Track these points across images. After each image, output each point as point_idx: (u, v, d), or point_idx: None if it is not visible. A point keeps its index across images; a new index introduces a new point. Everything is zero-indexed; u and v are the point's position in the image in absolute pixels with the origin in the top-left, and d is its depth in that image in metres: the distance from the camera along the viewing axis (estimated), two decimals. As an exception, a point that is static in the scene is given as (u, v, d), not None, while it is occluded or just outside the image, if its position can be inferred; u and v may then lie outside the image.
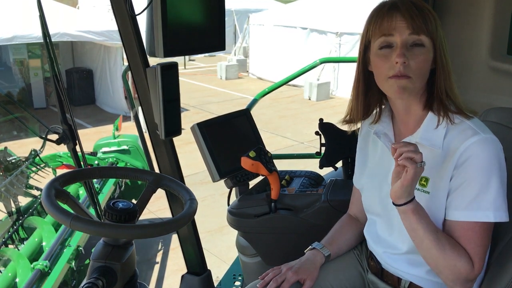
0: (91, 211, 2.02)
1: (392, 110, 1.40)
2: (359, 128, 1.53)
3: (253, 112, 2.53)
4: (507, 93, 2.07)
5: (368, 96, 1.39)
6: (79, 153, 2.06)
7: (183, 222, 1.28)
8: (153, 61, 1.63)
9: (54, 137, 2.06)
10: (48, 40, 1.89)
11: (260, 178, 1.95)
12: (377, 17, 1.27)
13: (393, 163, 1.34)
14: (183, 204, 1.35)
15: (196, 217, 1.47)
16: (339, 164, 2.04)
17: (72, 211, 1.23)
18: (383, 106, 1.44)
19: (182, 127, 1.74)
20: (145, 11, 1.54)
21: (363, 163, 1.52)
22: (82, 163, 2.09)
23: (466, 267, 1.21)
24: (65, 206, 1.31)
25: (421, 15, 1.22)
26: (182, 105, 10.51)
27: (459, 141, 1.23)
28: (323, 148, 2.02)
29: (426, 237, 1.22)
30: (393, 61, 1.23)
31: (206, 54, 15.21)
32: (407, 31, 1.22)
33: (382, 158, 1.43)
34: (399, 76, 1.23)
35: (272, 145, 7.86)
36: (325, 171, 2.10)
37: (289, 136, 8.81)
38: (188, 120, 8.15)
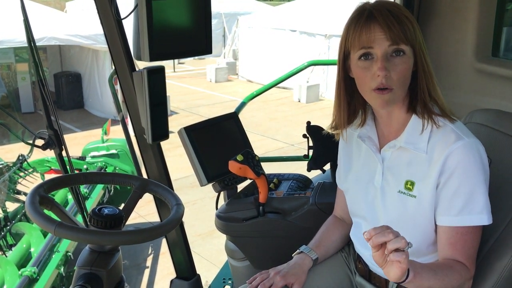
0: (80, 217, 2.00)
1: (375, 114, 1.40)
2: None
3: (243, 114, 2.52)
4: (492, 95, 2.09)
5: (352, 101, 1.39)
6: (66, 158, 2.05)
7: (169, 228, 1.27)
8: (143, 64, 1.62)
9: (41, 142, 2.05)
10: (32, 44, 1.88)
11: (248, 181, 1.95)
12: (355, 28, 1.25)
13: (378, 166, 1.35)
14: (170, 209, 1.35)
15: (186, 220, 1.46)
16: (327, 167, 2.05)
17: (57, 218, 1.22)
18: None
19: (172, 130, 1.74)
20: (132, 15, 1.53)
21: (347, 166, 1.52)
22: (69, 168, 2.07)
23: (466, 276, 1.24)
24: (50, 213, 1.30)
25: (398, 24, 1.21)
26: (171, 108, 10.52)
27: (443, 146, 1.24)
28: (311, 151, 2.02)
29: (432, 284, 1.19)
30: (375, 73, 1.23)
31: (195, 57, 15.19)
32: (386, 42, 1.21)
33: (366, 161, 1.43)
34: (382, 90, 1.23)
35: (262, 147, 7.86)
36: (313, 174, 2.10)
37: (279, 138, 8.81)
38: (177, 123, 8.13)
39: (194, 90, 13.14)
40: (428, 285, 1.19)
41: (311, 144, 2.01)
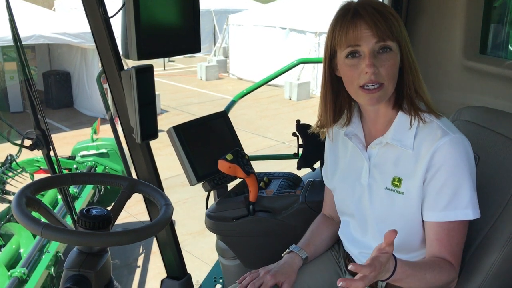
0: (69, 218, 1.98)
1: (361, 111, 1.40)
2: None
3: (234, 112, 2.51)
4: (480, 92, 2.10)
5: (338, 100, 1.39)
6: (54, 158, 2.03)
7: (158, 229, 1.27)
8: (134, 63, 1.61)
9: (28, 142, 2.02)
10: (18, 43, 1.86)
11: (238, 180, 1.94)
12: (341, 26, 1.25)
13: (365, 164, 1.35)
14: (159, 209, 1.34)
15: (177, 219, 1.46)
16: (317, 165, 2.05)
17: (45, 220, 1.21)
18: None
19: (162, 128, 1.73)
20: (120, 13, 1.52)
21: (334, 164, 1.52)
22: (57, 168, 2.05)
23: (452, 275, 1.25)
24: (37, 215, 1.28)
25: (384, 21, 1.22)
26: (162, 106, 10.48)
27: (430, 142, 1.25)
28: (301, 149, 2.02)
29: (414, 285, 1.22)
30: (363, 71, 1.23)
31: (186, 55, 15.15)
32: (373, 39, 1.22)
33: (352, 159, 1.43)
34: (372, 89, 1.23)
35: (253, 145, 7.85)
36: (303, 172, 2.10)
37: (271, 136, 8.82)
38: (168, 121, 8.10)
39: (184, 88, 13.10)
40: (413, 282, 1.20)
41: (300, 142, 2.01)
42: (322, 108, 1.40)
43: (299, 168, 2.02)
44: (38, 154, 4.24)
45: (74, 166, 5.05)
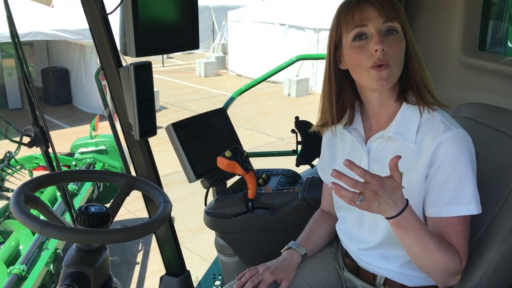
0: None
1: (362, 105, 1.40)
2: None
3: (233, 109, 2.51)
4: (479, 89, 2.10)
5: (341, 98, 1.38)
6: (53, 155, 2.03)
7: (157, 226, 1.26)
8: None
9: (27, 140, 2.02)
10: (16, 40, 1.85)
11: (237, 177, 1.94)
12: (347, 11, 1.26)
13: (364, 157, 1.35)
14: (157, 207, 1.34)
15: (177, 216, 1.46)
16: (316, 162, 2.05)
17: (43, 217, 1.21)
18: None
19: (161, 125, 1.72)
20: (118, 10, 1.51)
21: (332, 159, 1.52)
22: (55, 165, 2.05)
23: (457, 265, 1.22)
24: (36, 212, 1.28)
25: (390, 3, 1.23)
26: (161, 103, 10.46)
27: (432, 137, 1.24)
28: (300, 146, 2.02)
29: (414, 246, 1.19)
30: (371, 50, 1.22)
31: (184, 52, 15.10)
32: (380, 19, 1.22)
33: (351, 153, 1.42)
34: (380, 66, 1.22)
35: (252, 142, 7.85)
36: (302, 169, 2.10)
37: (270, 132, 8.81)
38: (167, 118, 8.10)
39: (183, 84, 13.08)
40: (415, 240, 1.17)
41: (299, 139, 2.01)
42: (326, 103, 1.39)
43: (298, 165, 2.03)
44: (37, 151, 4.24)
45: (73, 163, 5.04)
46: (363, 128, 1.40)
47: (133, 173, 2.02)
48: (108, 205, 1.36)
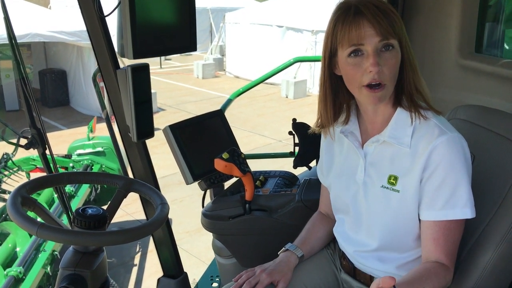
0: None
1: (358, 109, 1.40)
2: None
3: (231, 110, 2.51)
4: (475, 91, 2.11)
5: (337, 99, 1.38)
6: (50, 157, 2.02)
7: (154, 228, 1.27)
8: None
9: (24, 141, 2.02)
10: (14, 42, 1.85)
11: (234, 179, 1.94)
12: (343, 24, 1.23)
13: (360, 161, 1.35)
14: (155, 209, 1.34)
15: (174, 218, 1.46)
16: (313, 164, 2.05)
17: (40, 219, 1.20)
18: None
19: (159, 127, 1.72)
20: (116, 12, 1.51)
21: (329, 162, 1.52)
22: (53, 167, 2.05)
23: (447, 277, 1.25)
24: (33, 214, 1.28)
25: (386, 18, 1.21)
26: (159, 104, 10.45)
27: (427, 141, 1.25)
28: (297, 148, 2.02)
29: None
30: (366, 69, 1.22)
31: (182, 54, 15.08)
32: (376, 38, 1.20)
33: (348, 157, 1.43)
34: (374, 88, 1.22)
35: (250, 143, 7.85)
36: (300, 171, 2.11)
37: (267, 134, 8.81)
38: (164, 120, 8.08)
39: (181, 86, 13.08)
40: None
41: (297, 141, 2.01)
42: (322, 107, 1.39)
43: (295, 167, 2.03)
44: (34, 152, 4.23)
45: (70, 164, 5.04)
46: (360, 132, 1.40)
47: (130, 175, 2.02)
48: (105, 207, 1.36)
